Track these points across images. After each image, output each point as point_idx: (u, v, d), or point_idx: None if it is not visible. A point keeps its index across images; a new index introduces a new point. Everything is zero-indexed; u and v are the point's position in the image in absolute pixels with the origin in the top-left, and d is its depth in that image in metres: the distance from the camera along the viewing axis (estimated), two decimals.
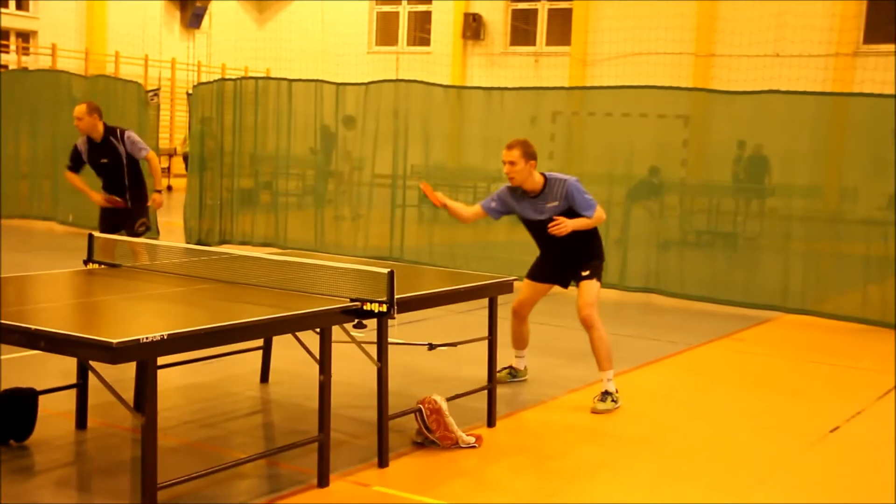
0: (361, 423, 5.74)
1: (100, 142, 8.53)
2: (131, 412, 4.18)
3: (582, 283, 6.49)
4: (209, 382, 6.62)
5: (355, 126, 12.92)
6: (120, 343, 3.84)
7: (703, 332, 9.20)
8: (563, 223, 6.27)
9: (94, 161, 8.62)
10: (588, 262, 6.51)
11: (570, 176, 6.49)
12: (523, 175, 6.30)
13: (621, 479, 5.24)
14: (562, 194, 6.32)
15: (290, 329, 4.91)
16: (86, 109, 8.49)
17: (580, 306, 6.45)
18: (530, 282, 6.81)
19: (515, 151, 6.26)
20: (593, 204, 6.39)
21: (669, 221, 11.61)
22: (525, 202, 6.45)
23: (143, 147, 8.62)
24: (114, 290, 5.34)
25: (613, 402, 6.39)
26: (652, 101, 11.51)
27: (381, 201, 13.00)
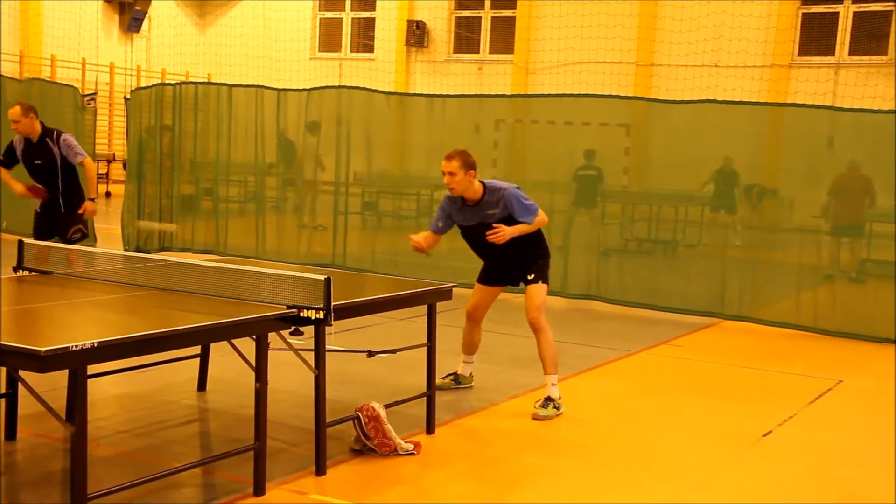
0: (299, 430, 5.71)
1: (35, 142, 8.36)
2: (61, 422, 4.11)
3: (528, 287, 6.53)
4: (145, 391, 6.54)
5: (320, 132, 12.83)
6: (48, 351, 3.78)
7: (643, 339, 9.29)
8: (501, 231, 6.29)
9: (28, 162, 8.43)
10: (532, 265, 6.55)
11: (511, 184, 6.52)
12: (463, 185, 6.32)
13: (561, 486, 5.26)
14: (501, 202, 6.35)
15: (226, 336, 4.87)
16: (20, 111, 8.30)
17: (528, 309, 6.48)
18: (481, 286, 6.83)
19: (455, 162, 6.27)
20: (533, 210, 6.43)
21: (611, 229, 11.72)
22: (465, 211, 6.46)
23: (78, 152, 8.44)
24: (45, 298, 5.25)
25: (555, 408, 6.42)
26: (594, 109, 11.63)
27: (323, 208, 12.95)
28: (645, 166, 11.67)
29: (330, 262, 12.17)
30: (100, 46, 25.98)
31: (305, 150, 13.17)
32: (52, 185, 8.43)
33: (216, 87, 13.76)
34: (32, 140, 8.36)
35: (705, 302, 10.44)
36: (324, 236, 12.70)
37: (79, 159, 8.43)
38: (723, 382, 7.95)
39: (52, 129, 8.52)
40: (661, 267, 11.59)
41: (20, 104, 8.46)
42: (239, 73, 24.69)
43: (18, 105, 8.42)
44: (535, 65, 24.11)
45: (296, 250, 12.77)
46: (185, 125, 13.62)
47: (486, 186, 6.41)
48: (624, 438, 6.20)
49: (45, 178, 8.43)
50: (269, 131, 13.04)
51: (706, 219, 11.51)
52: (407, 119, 12.80)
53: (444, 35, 25.79)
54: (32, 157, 8.39)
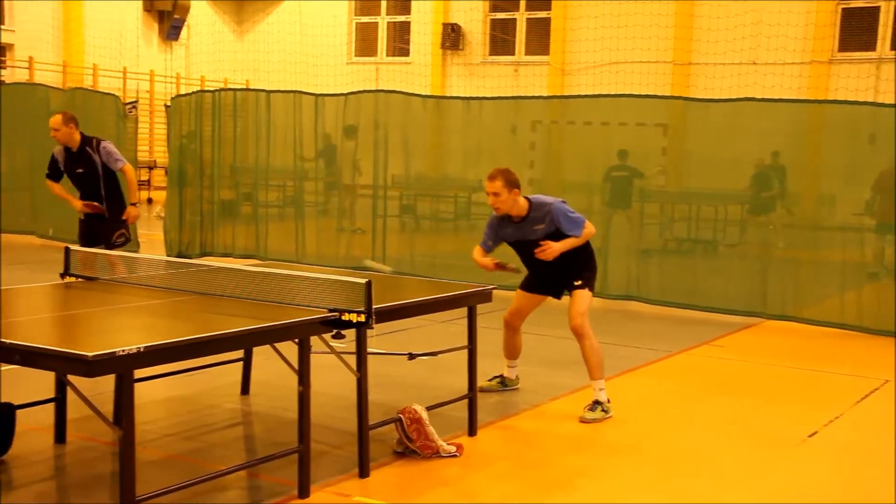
0: (342, 433, 5.73)
1: (76, 151, 8.48)
2: (109, 426, 4.16)
3: (574, 293, 6.52)
4: (190, 395, 6.59)
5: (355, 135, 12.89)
6: (96, 356, 3.82)
7: (684, 339, 9.22)
8: (549, 248, 6.30)
9: (70, 171, 8.56)
10: (580, 274, 6.54)
11: (556, 198, 6.53)
12: (508, 204, 6.34)
13: (604, 487, 5.25)
14: (548, 218, 6.35)
15: (269, 340, 4.90)
16: (61, 120, 8.43)
17: (572, 315, 6.46)
18: (523, 293, 6.82)
19: (498, 182, 6.28)
20: (580, 222, 6.42)
21: (649, 229, 11.65)
22: (512, 228, 6.47)
23: (118, 159, 8.55)
24: (91, 303, 5.32)
25: (603, 411, 6.39)
26: (630, 109, 11.57)
27: (362, 212, 13.00)
28: (683, 166, 11.59)
29: None
30: (140, 55, 26.28)
31: (343, 155, 13.23)
32: (95, 192, 8.54)
33: (255, 93, 13.87)
34: (72, 149, 8.48)
35: (747, 301, 10.34)
36: (363, 239, 12.74)
37: (119, 166, 8.54)
38: (766, 383, 7.87)
39: (92, 137, 8.63)
40: (702, 266, 11.49)
41: (62, 113, 8.59)
42: (277, 78, 24.88)
43: (60, 114, 8.56)
44: (571, 66, 24.04)
45: (335, 254, 12.83)
46: (224, 131, 13.73)
47: (531, 202, 6.42)
48: (667, 439, 6.16)
49: (88, 185, 8.54)
50: (307, 136, 13.11)
51: (746, 217, 11.41)
52: (444, 122, 12.82)
53: (480, 37, 25.79)
54: (74, 166, 8.52)
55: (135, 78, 25.24)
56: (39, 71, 23.35)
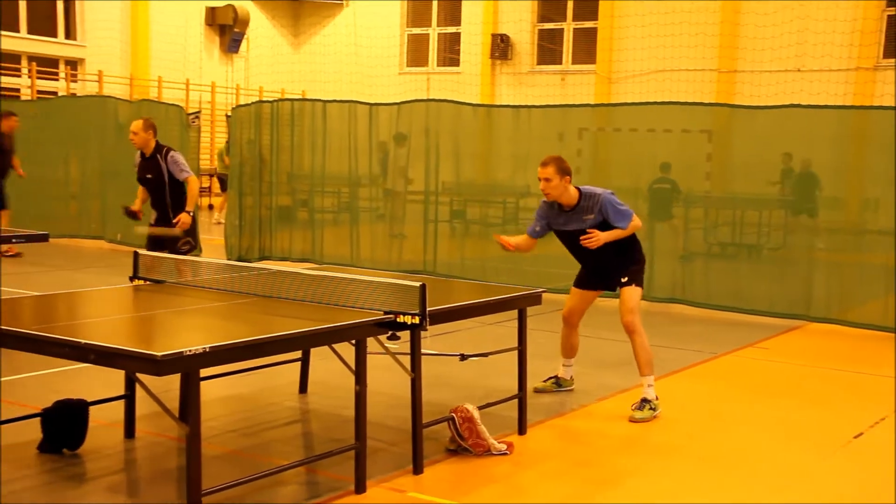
0: (396, 431, 5.77)
1: (148, 157, 8.64)
2: (176, 422, 4.24)
3: (623, 290, 6.50)
4: (250, 393, 6.68)
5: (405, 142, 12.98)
6: (164, 356, 3.89)
7: (729, 342, 9.14)
8: (595, 236, 6.29)
9: (141, 175, 8.72)
10: (627, 269, 6.51)
11: (605, 189, 6.50)
12: (559, 190, 6.33)
13: (653, 486, 5.23)
14: (596, 207, 6.34)
15: (327, 341, 4.95)
16: (142, 125, 8.61)
17: (622, 312, 6.45)
18: (577, 290, 6.81)
19: (550, 168, 6.29)
20: (628, 215, 6.40)
21: (694, 234, 11.56)
22: (561, 216, 6.47)
23: (184, 169, 8.68)
24: (158, 305, 5.41)
25: (652, 409, 6.36)
26: (676, 116, 11.50)
27: (413, 217, 13.06)
28: (727, 171, 11.49)
29: (421, 268, 12.26)
30: (202, 67, 26.62)
31: (394, 162, 13.31)
32: (161, 198, 8.68)
33: (311, 102, 13.99)
34: (146, 154, 8.65)
35: (791, 304, 10.23)
36: (414, 244, 12.79)
37: (183, 176, 8.66)
38: (811, 384, 7.78)
39: (164, 146, 8.78)
40: (746, 270, 11.38)
41: (143, 119, 8.77)
42: (332, 88, 25.07)
43: (142, 119, 8.74)
44: (617, 74, 23.91)
45: (387, 258, 12.89)
46: (281, 140, 13.88)
47: (581, 192, 6.41)
48: (714, 440, 6.12)
49: (155, 191, 8.69)
50: (361, 144, 13.21)
51: (790, 222, 11.27)
52: (493, 130, 12.83)
53: (528, 47, 25.76)
54: (145, 172, 8.68)
55: (197, 89, 25.58)
56: (108, 84, 23.76)
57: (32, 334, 4.34)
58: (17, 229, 9.21)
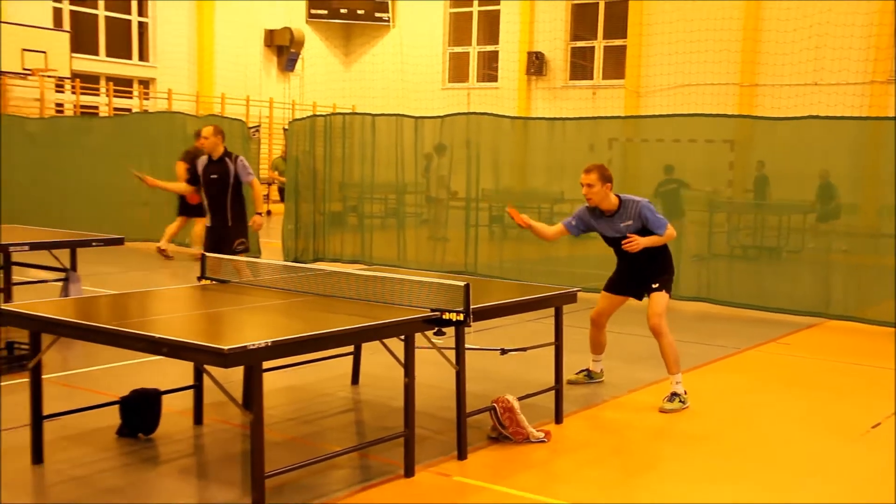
0: (442, 420, 5.76)
1: (216, 160, 8.71)
2: (241, 410, 4.27)
3: (652, 295, 6.45)
4: (305, 384, 6.70)
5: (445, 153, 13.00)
6: (231, 349, 3.92)
7: (752, 337, 9.02)
8: (635, 241, 6.26)
9: (206, 175, 8.77)
10: (658, 276, 6.46)
11: (643, 198, 6.46)
12: (600, 196, 6.29)
13: (683, 473, 5.16)
14: (635, 214, 6.30)
15: (378, 336, 4.95)
16: (212, 130, 8.70)
17: (650, 315, 6.39)
18: (607, 294, 6.76)
19: (593, 175, 6.25)
20: (664, 223, 6.36)
21: (717, 237, 11.44)
22: (602, 221, 6.43)
23: (250, 172, 8.79)
24: (224, 303, 5.45)
25: (681, 402, 6.30)
26: (700, 127, 11.38)
27: (455, 222, 13.06)
28: (749, 179, 11.35)
29: (462, 269, 12.24)
30: (261, 85, 26.86)
31: (436, 171, 13.31)
32: (222, 200, 8.72)
33: (361, 116, 14.03)
34: (213, 157, 8.72)
35: (811, 303, 10.07)
36: (456, 246, 12.77)
37: (249, 178, 8.76)
38: (831, 378, 7.65)
39: (232, 152, 8.88)
40: (767, 271, 11.22)
41: (214, 126, 8.87)
42: (379, 103, 25.15)
43: (212, 125, 8.84)
44: (644, 88, 23.76)
45: (431, 259, 12.89)
46: (333, 151, 13.93)
47: (621, 199, 6.36)
48: (740, 429, 6.03)
49: (217, 191, 8.72)
50: (407, 154, 13.23)
51: (808, 226, 11.11)
52: (529, 140, 12.77)
53: (561, 64, 25.68)
54: (210, 172, 8.73)
55: (257, 105, 25.79)
56: (177, 101, 24.04)
57: (113, 329, 4.40)
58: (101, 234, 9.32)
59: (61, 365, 6.95)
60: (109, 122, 18.29)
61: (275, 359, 4.30)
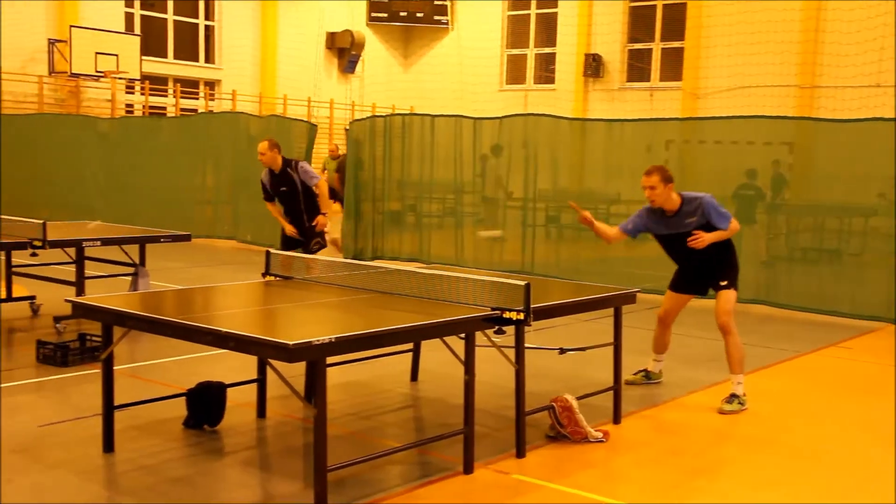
0: (500, 418, 5.72)
1: (279, 173, 8.77)
2: (305, 404, 4.28)
3: (720, 293, 6.33)
4: (366, 380, 6.70)
5: (501, 153, 12.96)
6: (296, 344, 3.92)
7: (812, 341, 8.82)
8: (701, 236, 6.16)
9: (275, 190, 8.86)
10: (725, 273, 6.35)
11: (706, 194, 6.35)
12: (663, 197, 6.22)
13: (740, 475, 5.05)
14: (699, 210, 6.20)
15: (440, 334, 4.92)
16: (268, 145, 8.75)
17: (718, 313, 6.28)
18: (672, 293, 6.68)
19: (655, 177, 6.19)
20: (728, 217, 6.26)
21: (776, 239, 11.21)
22: (665, 220, 6.35)
23: (313, 175, 8.82)
24: (288, 299, 5.47)
25: (740, 404, 6.19)
26: (759, 129, 11.16)
27: (512, 222, 12.99)
28: (808, 181, 11.10)
29: (519, 268, 12.17)
30: (322, 86, 27.07)
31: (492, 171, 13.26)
32: (296, 207, 8.81)
33: (420, 117, 14.04)
34: (275, 171, 8.77)
35: (873, 307, 9.80)
36: (513, 246, 12.72)
37: (314, 181, 8.80)
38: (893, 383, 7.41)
39: (291, 159, 8.92)
40: (827, 274, 10.94)
41: (268, 140, 8.89)
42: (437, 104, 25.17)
43: (267, 140, 8.86)
44: (702, 90, 23.42)
45: (489, 258, 12.84)
46: (393, 151, 13.96)
47: (683, 197, 6.28)
48: (800, 433, 5.89)
49: (290, 201, 8.83)
50: (466, 155, 13.20)
51: (870, 229, 10.81)
52: (587, 142, 12.66)
53: (618, 66, 25.45)
54: (278, 186, 8.81)
55: (317, 106, 26.00)
56: (241, 101, 24.36)
57: (182, 323, 4.44)
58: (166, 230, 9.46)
59: (130, 357, 7.07)
60: (176, 123, 18.60)
61: (338, 354, 4.29)
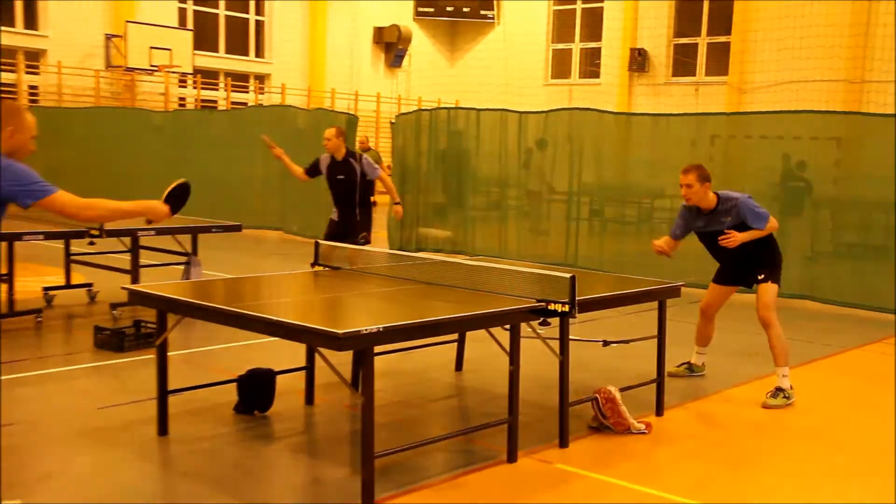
0: (544, 408, 5.70)
1: (340, 161, 8.83)
2: (353, 392, 4.31)
3: (759, 287, 6.28)
4: (411, 369, 6.73)
5: (546, 147, 12.92)
6: (345, 333, 3.95)
7: (857, 337, 8.67)
8: (732, 236, 6.13)
9: (331, 176, 8.90)
10: (765, 267, 6.29)
11: (743, 194, 6.30)
12: (699, 196, 6.19)
13: (785, 470, 4.98)
14: (734, 210, 6.17)
15: (486, 325, 4.93)
16: (335, 132, 8.82)
17: (759, 307, 6.23)
18: (715, 285, 6.65)
19: (691, 175, 6.17)
20: (765, 216, 6.19)
21: (822, 234, 11.03)
22: (701, 218, 6.32)
23: (376, 168, 8.90)
24: (336, 289, 5.51)
25: (785, 398, 6.12)
26: (806, 124, 10.99)
27: (557, 215, 12.94)
28: (856, 176, 10.89)
29: (563, 261, 12.12)
30: (370, 80, 27.16)
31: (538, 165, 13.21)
32: (350, 196, 8.85)
33: (465, 111, 14.03)
34: (337, 158, 8.84)
35: None
36: (557, 239, 12.66)
37: (377, 174, 8.87)
38: None
39: (355, 151, 9.00)
40: (873, 270, 10.73)
41: (336, 127, 8.99)
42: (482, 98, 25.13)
43: (335, 127, 8.96)
44: (747, 85, 23.09)
45: (532, 251, 12.81)
46: (438, 144, 13.97)
47: (719, 197, 6.25)
48: (842, 428, 5.81)
49: (346, 190, 8.85)
50: (511, 148, 13.17)
51: None
52: (632, 136, 12.54)
53: (664, 60, 25.18)
54: (336, 173, 8.86)
55: (364, 99, 26.10)
56: (289, 95, 24.54)
57: (234, 311, 4.48)
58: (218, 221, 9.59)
59: (183, 343, 7.17)
60: (227, 115, 18.82)
61: (386, 344, 4.32)
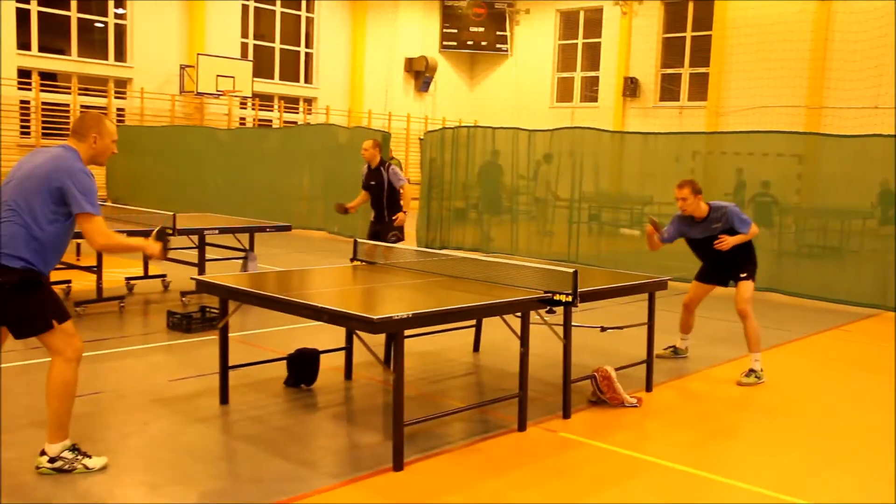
0: (550, 384, 5.63)
1: (374, 169, 8.75)
2: (385, 369, 4.25)
3: (740, 283, 6.18)
4: (434, 350, 6.66)
5: (552, 161, 12.82)
6: (380, 319, 3.90)
7: (816, 324, 8.52)
8: (725, 240, 6.06)
9: (366, 183, 8.83)
10: (745, 266, 6.20)
11: (730, 203, 6.24)
12: (693, 206, 6.12)
13: (757, 437, 4.88)
14: (724, 218, 6.09)
15: (500, 312, 4.86)
16: (372, 143, 8.72)
17: (738, 301, 6.13)
18: (697, 282, 6.55)
19: (686, 189, 6.10)
20: (749, 223, 6.14)
21: (787, 237, 10.87)
22: (695, 226, 6.24)
23: (401, 179, 8.74)
24: (371, 281, 5.46)
25: (757, 377, 6.03)
26: (773, 143, 10.88)
27: (560, 218, 12.83)
28: (815, 188, 10.74)
29: (565, 258, 12.01)
30: (401, 102, 27.10)
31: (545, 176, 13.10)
32: (380, 201, 8.77)
33: (482, 129, 13.93)
34: (372, 166, 8.75)
35: (870, 296, 9.43)
36: (561, 239, 12.54)
37: (399, 184, 8.72)
38: (887, 361, 7.11)
39: (386, 160, 8.89)
40: (830, 267, 10.57)
41: (373, 139, 8.86)
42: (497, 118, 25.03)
43: (372, 140, 8.84)
44: (723, 109, 22.84)
45: (539, 249, 12.71)
46: (459, 157, 13.88)
47: (710, 206, 6.17)
48: (805, 403, 5.68)
49: (376, 195, 8.78)
50: (522, 161, 13.07)
51: (867, 229, 10.42)
52: (625, 151, 12.42)
53: (653, 87, 24.95)
54: (370, 179, 8.78)
55: (397, 119, 26.04)
56: (333, 115, 24.50)
57: (286, 299, 4.44)
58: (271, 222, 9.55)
59: (241, 326, 7.15)
60: (280, 133, 18.79)
61: (414, 328, 4.26)
